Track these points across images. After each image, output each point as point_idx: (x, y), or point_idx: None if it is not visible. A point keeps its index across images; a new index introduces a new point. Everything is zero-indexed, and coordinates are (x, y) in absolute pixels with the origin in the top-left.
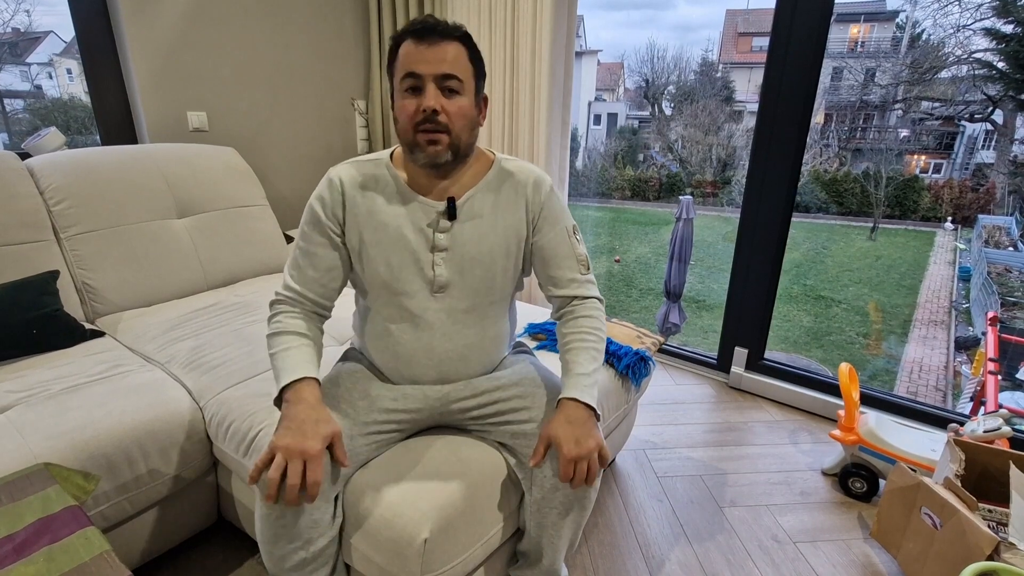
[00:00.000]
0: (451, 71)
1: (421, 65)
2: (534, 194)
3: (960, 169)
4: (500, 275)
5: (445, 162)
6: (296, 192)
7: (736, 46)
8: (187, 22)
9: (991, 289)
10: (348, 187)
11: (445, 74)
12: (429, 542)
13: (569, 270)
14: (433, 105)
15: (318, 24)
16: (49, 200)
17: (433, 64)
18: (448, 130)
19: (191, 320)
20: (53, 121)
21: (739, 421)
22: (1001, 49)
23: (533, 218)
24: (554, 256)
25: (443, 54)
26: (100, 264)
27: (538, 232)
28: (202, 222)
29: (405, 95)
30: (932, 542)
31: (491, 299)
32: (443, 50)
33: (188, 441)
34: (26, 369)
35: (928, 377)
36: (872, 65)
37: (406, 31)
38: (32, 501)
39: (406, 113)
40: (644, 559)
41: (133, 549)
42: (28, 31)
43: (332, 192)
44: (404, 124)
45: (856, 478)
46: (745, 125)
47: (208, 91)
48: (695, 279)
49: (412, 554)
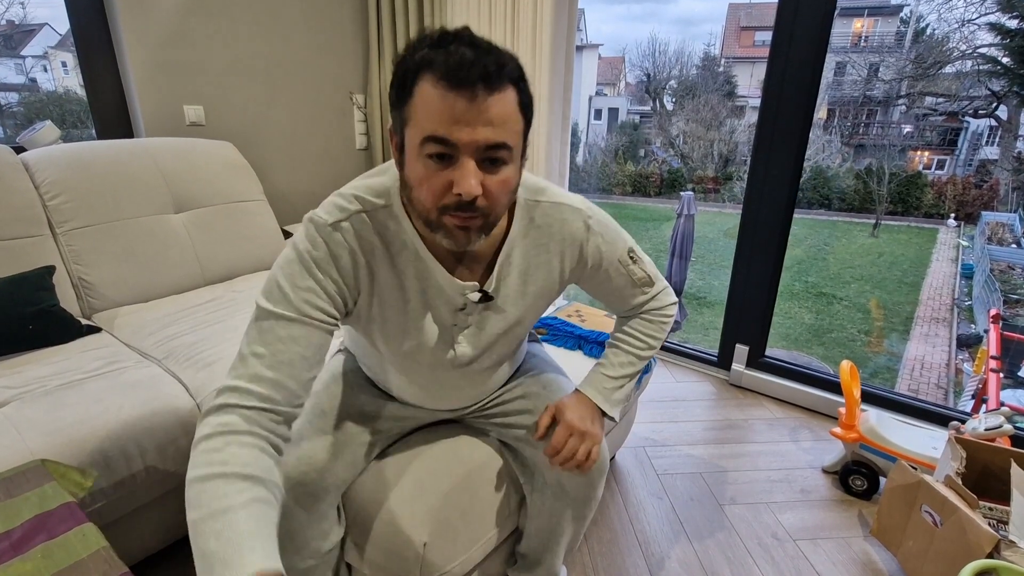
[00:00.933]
0: (499, 139)
1: (456, 131)
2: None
3: (963, 165)
4: (527, 331)
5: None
6: (294, 187)
7: (738, 40)
8: (183, 15)
9: (994, 286)
10: (358, 246)
11: (491, 145)
12: (428, 545)
13: (631, 297)
14: (474, 192)
15: (316, 17)
16: (45, 195)
17: (475, 130)
18: (487, 213)
19: (188, 316)
20: (48, 115)
21: (740, 418)
22: (1006, 44)
23: (570, 276)
24: (609, 293)
25: (489, 114)
26: (96, 259)
27: (582, 281)
28: (199, 217)
29: (428, 161)
30: (932, 540)
31: (515, 349)
32: (489, 108)
33: (185, 438)
34: (22, 365)
35: (929, 375)
36: (876, 60)
37: (429, 63)
38: (29, 498)
39: (430, 190)
40: (644, 556)
41: (131, 546)
42: (23, 23)
43: (334, 248)
44: (424, 200)
45: (857, 476)
46: (747, 120)
47: (205, 85)
48: (696, 276)
49: (411, 556)
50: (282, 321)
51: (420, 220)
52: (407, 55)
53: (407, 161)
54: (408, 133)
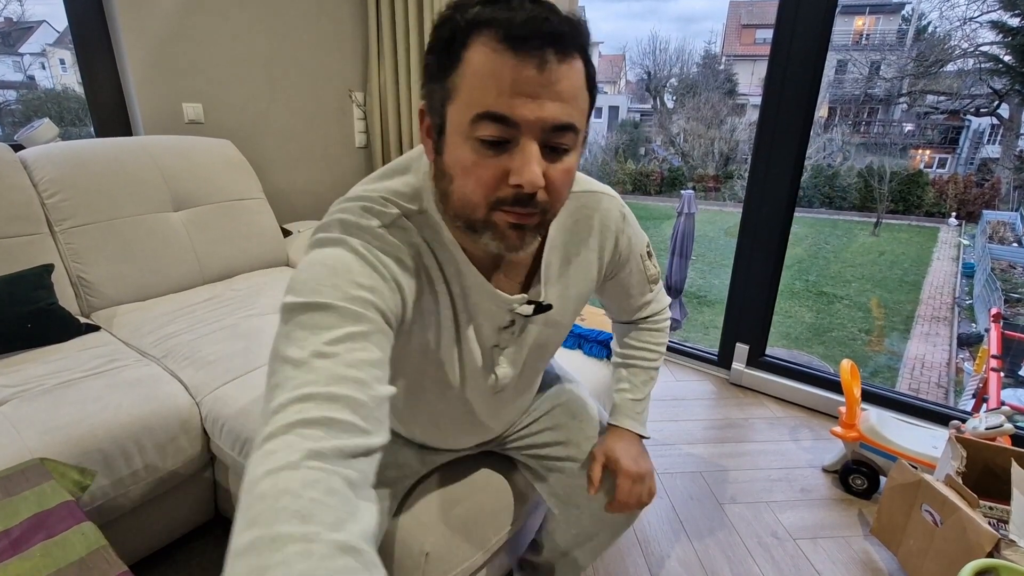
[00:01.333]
0: (568, 119)
1: (519, 107)
2: (609, 237)
3: (965, 164)
4: (563, 340)
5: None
6: (293, 185)
7: (739, 38)
8: (182, 12)
9: (995, 285)
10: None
11: (559, 125)
12: (431, 556)
13: (640, 296)
14: (539, 183)
15: (315, 15)
16: (43, 193)
17: (542, 106)
18: (546, 209)
19: (187, 314)
20: (46, 112)
21: (740, 417)
22: (1008, 42)
23: (607, 273)
24: (623, 292)
25: (559, 87)
26: (95, 258)
27: (610, 279)
28: (198, 215)
29: (478, 146)
30: (932, 539)
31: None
32: (560, 79)
33: (184, 436)
34: (21, 364)
35: (930, 374)
36: (877, 58)
37: (486, 21)
38: (28, 496)
39: (479, 181)
40: (643, 555)
41: (130, 544)
42: (21, 21)
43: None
44: (471, 193)
45: (857, 475)
46: (748, 119)
47: (204, 82)
48: (696, 274)
49: (413, 566)
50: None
51: (458, 221)
52: (454, 12)
53: (448, 146)
54: (452, 111)
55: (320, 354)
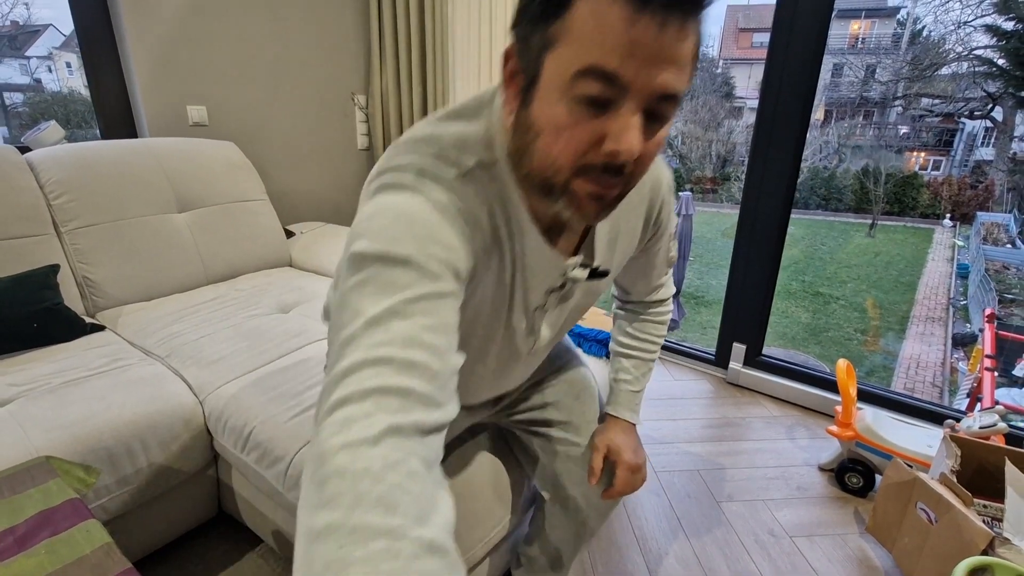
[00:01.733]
0: (678, 88)
1: (632, 67)
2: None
3: (959, 166)
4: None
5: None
6: (296, 187)
7: (736, 42)
8: (187, 15)
9: (989, 286)
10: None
11: (668, 94)
12: None
13: (658, 276)
14: (637, 152)
15: (318, 18)
16: (49, 194)
17: (657, 70)
18: (629, 180)
19: (191, 314)
20: (53, 115)
21: (737, 417)
22: (1002, 46)
23: (645, 244)
24: (652, 266)
25: (676, 51)
26: (100, 258)
27: (642, 251)
28: (202, 216)
29: (575, 104)
30: (927, 537)
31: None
32: (678, 42)
33: (188, 435)
34: (27, 363)
35: (925, 373)
36: (873, 62)
37: None
38: (33, 494)
39: (569, 143)
40: (641, 553)
41: (134, 542)
42: (27, 24)
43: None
44: (558, 155)
45: (852, 473)
46: (745, 121)
47: (208, 85)
48: (694, 275)
49: None
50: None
51: (533, 180)
52: None
53: (539, 99)
54: (551, 60)
55: (396, 313)
